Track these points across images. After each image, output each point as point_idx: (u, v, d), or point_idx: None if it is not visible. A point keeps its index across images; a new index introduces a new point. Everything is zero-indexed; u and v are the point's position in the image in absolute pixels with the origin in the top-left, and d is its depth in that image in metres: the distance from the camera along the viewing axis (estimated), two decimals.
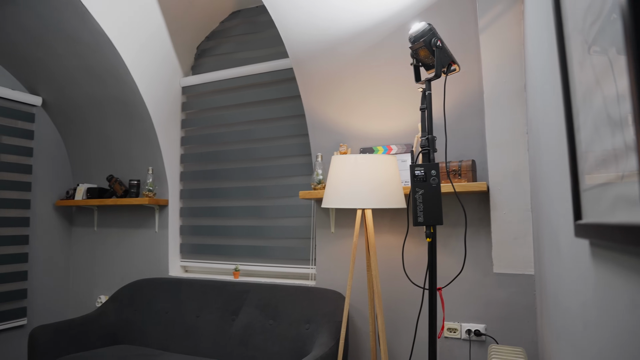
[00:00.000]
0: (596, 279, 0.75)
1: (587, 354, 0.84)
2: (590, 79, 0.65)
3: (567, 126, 0.81)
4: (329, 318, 2.58)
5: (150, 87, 3.39)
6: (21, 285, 3.69)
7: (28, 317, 3.74)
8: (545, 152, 1.43)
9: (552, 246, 1.37)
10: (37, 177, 3.84)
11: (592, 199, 0.69)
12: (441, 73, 1.98)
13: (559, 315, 1.24)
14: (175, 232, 3.61)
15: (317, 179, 2.74)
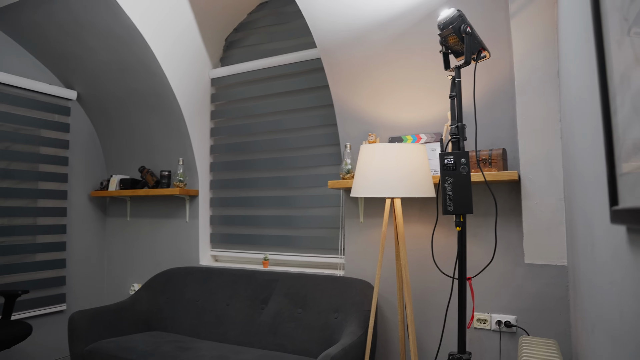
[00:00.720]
0: (633, 266, 0.73)
1: (624, 344, 0.82)
2: (629, 59, 0.63)
3: (602, 109, 0.79)
4: (358, 307, 2.58)
5: (180, 80, 3.44)
6: (60, 272, 3.82)
7: (67, 302, 3.88)
8: (579, 138, 1.40)
9: (586, 234, 1.34)
10: (73, 169, 3.95)
11: (630, 183, 0.67)
12: (471, 60, 1.95)
13: (594, 305, 1.21)
14: (205, 222, 3.67)
15: (346, 169, 2.74)
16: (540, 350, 1.93)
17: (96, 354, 2.73)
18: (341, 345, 2.20)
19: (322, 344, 2.62)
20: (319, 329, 2.66)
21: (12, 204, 3.51)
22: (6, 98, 3.46)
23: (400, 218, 2.31)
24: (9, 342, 2.74)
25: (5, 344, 2.72)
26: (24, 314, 3.55)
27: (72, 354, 2.84)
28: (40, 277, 3.68)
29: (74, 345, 2.84)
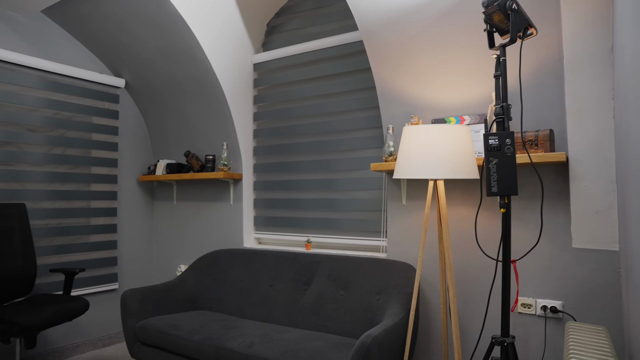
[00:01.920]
0: None
1: None
2: None
3: None
4: (400, 289, 2.59)
5: (223, 66, 3.50)
6: (112, 253, 4.00)
7: (119, 281, 4.06)
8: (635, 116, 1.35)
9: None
10: (122, 154, 4.10)
11: None
12: (517, 38, 1.90)
13: None
14: (249, 205, 3.75)
15: (388, 151, 2.73)
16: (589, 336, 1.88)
17: (146, 330, 2.86)
18: (383, 326, 2.21)
19: (364, 325, 2.64)
20: (361, 310, 2.69)
21: (68, 188, 3.69)
22: (61, 87, 3.61)
23: (444, 200, 2.29)
24: (70, 315, 2.90)
25: (67, 316, 2.88)
26: (81, 291, 3.75)
27: (125, 329, 2.98)
28: (94, 257, 3.86)
29: (126, 321, 2.98)
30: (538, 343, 2.41)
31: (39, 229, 3.48)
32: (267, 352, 2.34)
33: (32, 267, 3.17)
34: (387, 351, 2.20)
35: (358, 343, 2.06)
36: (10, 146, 3.37)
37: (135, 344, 2.96)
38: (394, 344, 2.28)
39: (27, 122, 3.42)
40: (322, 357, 2.22)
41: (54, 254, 3.58)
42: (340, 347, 2.36)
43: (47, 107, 3.54)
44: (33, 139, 3.45)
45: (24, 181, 3.42)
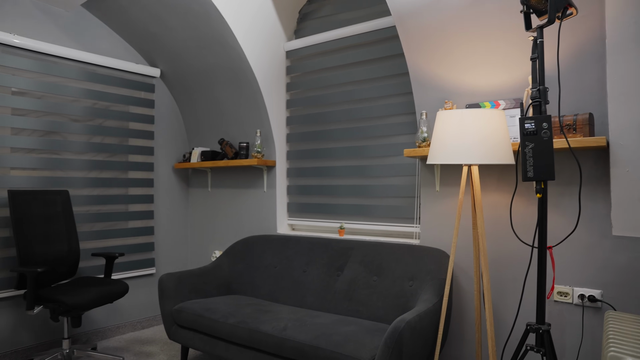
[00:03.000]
0: None
1: None
2: None
3: None
4: (433, 276, 2.58)
5: (256, 54, 3.52)
6: (149, 239, 4.11)
7: (156, 266, 4.18)
8: None
9: None
10: (158, 142, 4.20)
11: None
12: (555, 18, 1.85)
13: None
14: (282, 192, 3.79)
15: (422, 137, 2.71)
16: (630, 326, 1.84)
17: (183, 313, 2.94)
18: (416, 312, 2.22)
19: (397, 310, 2.65)
20: (393, 296, 2.70)
21: (107, 175, 3.80)
22: (99, 78, 3.71)
23: (478, 185, 2.26)
24: (111, 298, 3.01)
25: (109, 298, 2.99)
26: (120, 275, 3.88)
27: (163, 312, 3.07)
28: (132, 242, 3.98)
29: (164, 304, 3.07)
30: (575, 332, 2.37)
31: (80, 215, 3.61)
32: (300, 336, 2.38)
33: (76, 251, 3.30)
34: (419, 337, 2.21)
35: (391, 328, 2.07)
36: (55, 135, 3.49)
37: (172, 326, 3.05)
38: (427, 330, 2.28)
39: (69, 112, 3.54)
40: (355, 341, 2.25)
41: (95, 239, 3.70)
42: (373, 332, 2.38)
43: (87, 98, 3.65)
44: (75, 129, 3.57)
45: (67, 169, 3.54)
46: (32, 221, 3.05)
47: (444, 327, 2.53)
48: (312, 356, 2.29)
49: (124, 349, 3.55)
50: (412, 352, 2.16)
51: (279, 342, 2.43)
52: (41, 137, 3.40)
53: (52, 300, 2.79)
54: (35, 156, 3.36)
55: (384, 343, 2.07)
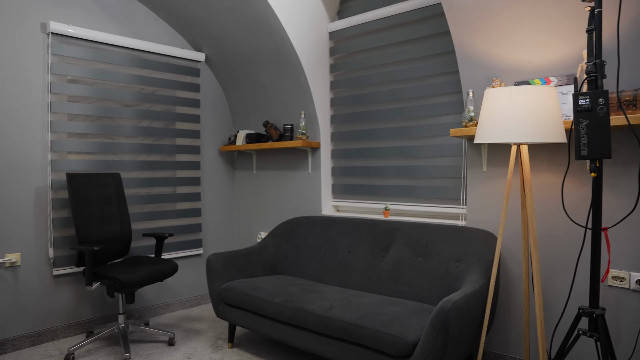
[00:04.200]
0: None
1: None
2: None
3: None
4: (480, 257, 2.55)
5: (300, 35, 3.52)
6: (196, 220, 4.23)
7: (203, 247, 4.29)
8: None
9: None
10: (204, 126, 4.28)
11: None
12: None
13: None
14: (327, 173, 3.80)
15: (469, 116, 2.65)
16: None
17: (230, 292, 3.02)
18: (463, 293, 2.20)
19: (442, 292, 2.64)
20: (439, 277, 2.68)
21: (155, 159, 3.92)
22: (146, 64, 3.81)
23: (527, 165, 2.20)
24: (162, 276, 3.13)
25: (159, 277, 3.11)
26: (170, 255, 4.01)
27: (211, 290, 3.16)
28: (180, 223, 4.10)
29: (212, 283, 3.16)
30: (632, 319, 2.29)
31: (131, 197, 3.74)
32: (346, 315, 2.40)
33: (128, 231, 3.43)
34: (466, 318, 2.19)
35: (437, 308, 2.06)
36: (106, 120, 3.62)
37: (220, 304, 3.14)
38: (474, 311, 2.26)
39: (119, 97, 3.65)
40: (401, 321, 2.25)
41: (145, 220, 3.84)
42: (418, 313, 2.37)
43: (135, 83, 3.75)
44: (124, 113, 3.69)
45: (118, 152, 3.67)
46: (88, 203, 3.18)
47: (491, 309, 2.49)
48: (357, 335, 2.32)
49: (174, 325, 3.69)
50: (459, 334, 2.15)
51: (324, 321, 2.46)
52: (93, 122, 3.53)
53: (107, 277, 2.92)
54: (88, 140, 3.50)
55: (430, 323, 2.07)
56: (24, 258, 3.22)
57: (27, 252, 3.23)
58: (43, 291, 3.31)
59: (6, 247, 3.15)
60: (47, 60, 3.31)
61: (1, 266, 3.13)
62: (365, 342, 2.29)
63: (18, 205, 3.19)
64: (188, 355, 3.08)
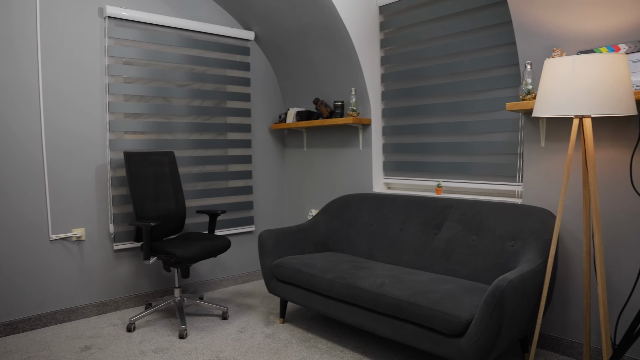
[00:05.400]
0: None
1: None
2: None
3: None
4: (537, 236, 2.46)
5: (349, 10, 3.46)
6: (248, 197, 4.30)
7: (255, 224, 4.37)
8: None
9: None
10: (255, 104, 4.32)
11: None
12: None
13: None
14: (378, 150, 3.76)
15: (526, 89, 2.54)
16: None
17: (282, 268, 3.06)
18: (519, 271, 2.13)
19: (497, 271, 2.57)
20: (493, 256, 2.61)
21: (207, 137, 3.99)
22: (196, 44, 3.86)
23: (591, 139, 2.09)
24: (215, 252, 3.21)
25: (213, 252, 3.19)
26: (223, 232, 4.11)
27: (263, 266, 3.22)
28: (232, 201, 4.18)
29: (264, 259, 3.21)
30: None
31: (184, 175, 3.84)
32: (397, 292, 2.39)
33: (182, 208, 3.53)
34: (522, 297, 2.13)
35: (493, 286, 2.01)
36: (160, 100, 3.71)
37: (271, 280, 3.19)
38: (530, 291, 2.19)
39: (171, 77, 3.73)
40: (454, 299, 2.21)
41: (197, 198, 3.94)
42: (471, 291, 2.33)
43: (186, 63, 3.81)
44: (176, 93, 3.76)
45: (172, 131, 3.76)
46: (144, 180, 3.29)
47: (548, 290, 2.41)
48: (409, 312, 2.30)
49: (227, 300, 3.79)
50: (514, 314, 2.09)
51: (376, 298, 2.46)
52: (147, 103, 3.63)
53: (164, 252, 3.02)
54: (143, 120, 3.60)
55: (485, 302, 2.02)
56: (87, 233, 3.38)
57: (90, 228, 3.39)
58: (105, 264, 3.47)
59: (72, 223, 3.31)
60: (104, 44, 3.41)
61: (68, 240, 3.30)
62: (417, 319, 2.27)
63: (81, 183, 3.35)
64: (241, 329, 3.16)
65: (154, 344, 2.92)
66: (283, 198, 4.58)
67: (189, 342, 2.94)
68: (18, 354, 2.80)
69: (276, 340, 2.96)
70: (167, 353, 2.78)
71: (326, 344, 2.89)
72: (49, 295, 3.25)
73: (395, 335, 2.41)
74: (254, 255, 4.38)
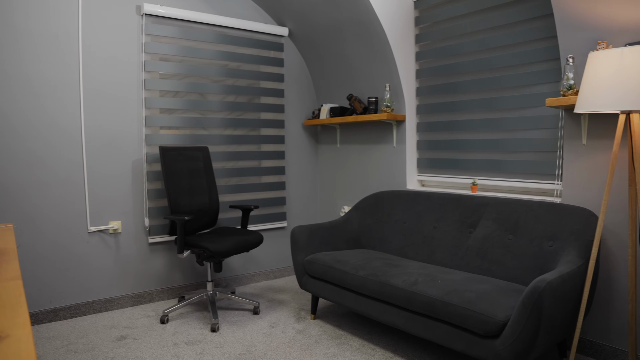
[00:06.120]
0: None
1: None
2: None
3: None
4: (577, 236, 2.37)
5: (384, 5, 3.42)
6: (281, 193, 4.31)
7: (287, 220, 4.38)
8: None
9: None
10: (288, 100, 4.32)
11: None
12: None
13: None
14: (412, 147, 3.70)
15: (568, 84, 2.45)
16: None
17: (314, 264, 3.05)
18: (558, 272, 2.06)
19: (534, 272, 2.49)
20: (530, 256, 2.54)
21: (240, 133, 4.02)
22: (230, 40, 3.88)
23: (639, 136, 1.99)
24: (247, 247, 3.23)
25: (245, 247, 3.21)
26: (255, 227, 4.13)
27: (295, 262, 3.22)
28: (265, 197, 4.20)
29: (296, 255, 3.21)
30: None
31: (217, 170, 3.88)
32: (431, 291, 2.35)
33: (216, 203, 3.57)
34: (561, 300, 2.05)
35: (530, 287, 1.95)
36: (194, 96, 3.76)
37: (303, 276, 3.19)
38: (570, 294, 2.12)
39: (205, 73, 3.77)
40: (489, 300, 2.16)
41: (230, 193, 3.97)
42: (507, 292, 2.26)
43: (220, 59, 3.84)
44: (210, 89, 3.80)
45: (206, 127, 3.81)
46: (178, 175, 3.34)
47: (589, 293, 2.32)
48: (442, 312, 2.26)
49: (258, 295, 3.81)
50: (552, 316, 2.02)
51: (409, 296, 2.42)
52: (182, 98, 3.67)
53: (197, 246, 3.06)
54: (178, 116, 3.65)
55: (522, 303, 1.96)
56: (124, 226, 3.46)
57: (127, 221, 3.47)
58: (140, 257, 3.54)
59: (110, 215, 3.39)
60: (141, 41, 3.47)
61: (105, 232, 3.39)
62: (450, 319, 2.23)
63: (118, 177, 3.42)
64: (272, 324, 3.17)
65: (187, 336, 2.96)
66: (315, 194, 4.58)
67: (220, 336, 2.97)
68: (60, 340, 2.89)
69: (307, 337, 2.96)
70: (199, 346, 2.81)
71: (357, 342, 2.88)
72: (88, 285, 3.34)
73: (428, 335, 2.37)
74: (286, 251, 4.40)
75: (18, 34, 3.01)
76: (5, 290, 0.98)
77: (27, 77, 3.06)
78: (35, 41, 3.07)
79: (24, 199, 3.09)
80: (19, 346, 0.71)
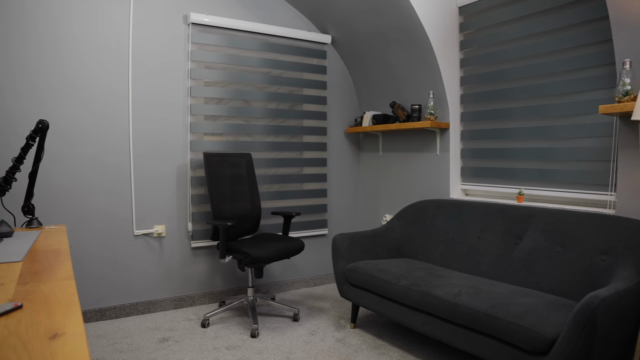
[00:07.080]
0: None
1: None
2: None
3: None
4: (634, 250, 2.26)
5: (427, 11, 3.38)
6: (322, 201, 4.31)
7: (328, 227, 4.37)
8: None
9: None
10: (331, 107, 4.33)
11: None
12: None
13: None
14: (456, 155, 3.63)
15: (624, 90, 2.34)
16: None
17: (355, 272, 3.03)
18: (614, 289, 1.96)
19: (585, 287, 2.39)
20: (581, 270, 2.43)
21: (282, 139, 4.05)
22: (273, 47, 3.93)
23: None
24: (288, 253, 3.24)
25: (286, 254, 3.22)
26: (296, 234, 4.14)
27: (335, 270, 3.21)
28: (306, 204, 4.21)
29: (337, 263, 3.20)
30: None
31: (259, 177, 3.91)
32: (475, 303, 2.28)
33: (258, 209, 3.60)
34: (617, 318, 1.95)
35: (583, 303, 1.87)
36: (238, 103, 3.81)
37: (344, 284, 3.17)
38: (626, 313, 2.01)
39: (248, 80, 3.82)
40: (537, 314, 2.08)
41: (272, 200, 4.00)
42: (556, 307, 2.17)
43: (263, 66, 3.89)
44: (253, 96, 3.85)
45: (249, 133, 3.85)
46: (222, 181, 3.39)
47: None
48: (487, 325, 2.19)
49: (298, 302, 3.81)
50: (607, 335, 1.92)
51: (452, 308, 2.36)
52: (226, 105, 3.74)
53: (239, 252, 3.09)
54: (221, 122, 3.72)
55: (573, 319, 1.88)
56: (168, 230, 3.53)
57: (170, 225, 3.54)
58: (183, 261, 3.61)
59: (155, 219, 3.48)
60: (187, 49, 3.56)
61: (150, 236, 3.47)
62: (495, 333, 2.16)
63: (163, 182, 3.50)
64: (312, 331, 3.16)
65: (227, 340, 2.99)
66: (357, 202, 4.55)
67: (260, 342, 2.98)
68: (106, 339, 2.97)
69: (347, 345, 2.93)
70: (239, 351, 2.83)
71: (397, 352, 2.83)
72: (132, 287, 3.42)
73: (471, 348, 2.30)
74: (327, 259, 4.38)
75: (76, 44, 3.14)
76: (60, 289, 1.01)
77: (80, 86, 3.19)
78: (89, 50, 3.19)
79: (75, 202, 3.21)
80: (74, 344, 0.72)
